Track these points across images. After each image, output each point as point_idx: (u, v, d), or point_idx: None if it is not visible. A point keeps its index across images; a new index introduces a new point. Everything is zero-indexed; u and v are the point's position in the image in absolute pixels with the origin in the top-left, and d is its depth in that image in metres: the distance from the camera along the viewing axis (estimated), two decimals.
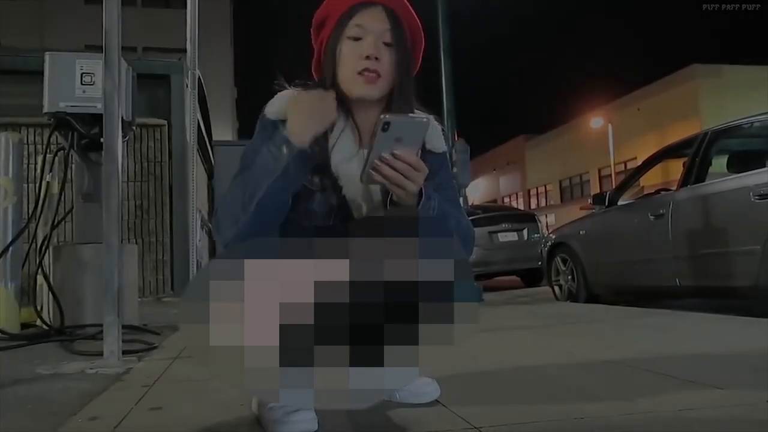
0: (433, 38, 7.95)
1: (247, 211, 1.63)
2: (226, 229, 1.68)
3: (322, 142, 1.76)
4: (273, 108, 1.83)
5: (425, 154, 1.86)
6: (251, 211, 1.63)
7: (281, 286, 1.39)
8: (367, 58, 1.76)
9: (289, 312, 1.38)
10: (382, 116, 1.51)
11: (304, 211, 1.78)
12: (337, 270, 1.40)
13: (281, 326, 1.38)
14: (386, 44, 1.80)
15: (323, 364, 1.39)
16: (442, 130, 2.03)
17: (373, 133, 1.53)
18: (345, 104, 1.82)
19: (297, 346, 1.38)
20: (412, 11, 1.88)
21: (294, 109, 1.70)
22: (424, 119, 1.56)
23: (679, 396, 2.03)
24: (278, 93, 1.87)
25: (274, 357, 1.38)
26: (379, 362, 1.41)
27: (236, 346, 1.38)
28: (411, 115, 1.67)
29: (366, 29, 1.79)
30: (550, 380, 2.43)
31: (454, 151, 7.64)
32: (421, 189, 1.65)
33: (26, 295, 4.74)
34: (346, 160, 1.77)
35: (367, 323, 1.40)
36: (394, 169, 1.56)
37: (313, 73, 1.95)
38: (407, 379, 1.66)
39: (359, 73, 1.77)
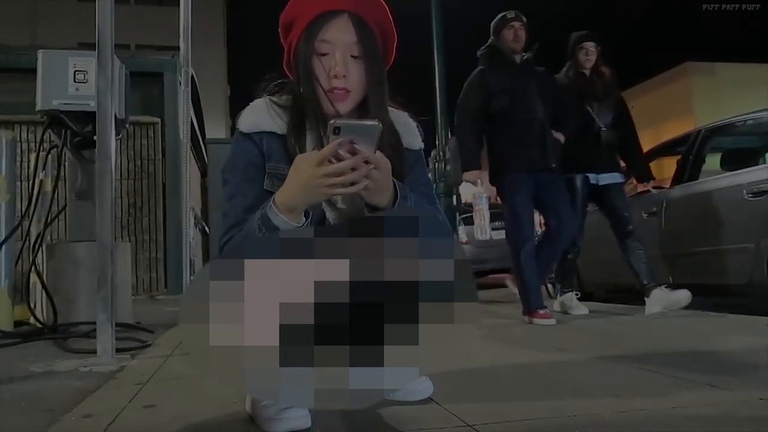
0: (426, 36, 7.94)
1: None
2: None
3: (299, 148, 1.76)
4: (245, 120, 1.82)
5: (402, 152, 1.87)
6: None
7: (281, 286, 1.40)
8: (335, 77, 1.76)
9: (289, 312, 1.38)
10: (332, 122, 1.49)
11: None
12: (337, 270, 1.41)
13: (281, 326, 1.38)
14: (354, 57, 1.78)
15: (323, 364, 1.40)
16: (417, 126, 2.01)
17: (327, 137, 1.52)
18: (320, 116, 1.81)
19: (297, 346, 1.39)
20: (384, 7, 1.85)
21: (286, 190, 1.61)
22: (374, 122, 1.55)
23: (672, 393, 2.04)
24: (251, 103, 1.87)
25: (274, 357, 1.38)
26: (379, 362, 1.41)
27: (236, 346, 1.38)
28: (361, 119, 1.66)
29: (332, 44, 1.76)
30: (543, 377, 2.44)
31: (447, 148, 7.64)
32: (396, 190, 1.63)
33: (19, 292, 4.73)
34: None
35: (367, 323, 1.40)
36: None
37: (285, 70, 1.94)
38: (407, 378, 1.66)
39: (329, 91, 1.77)
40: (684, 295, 4.39)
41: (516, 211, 4.53)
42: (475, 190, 4.91)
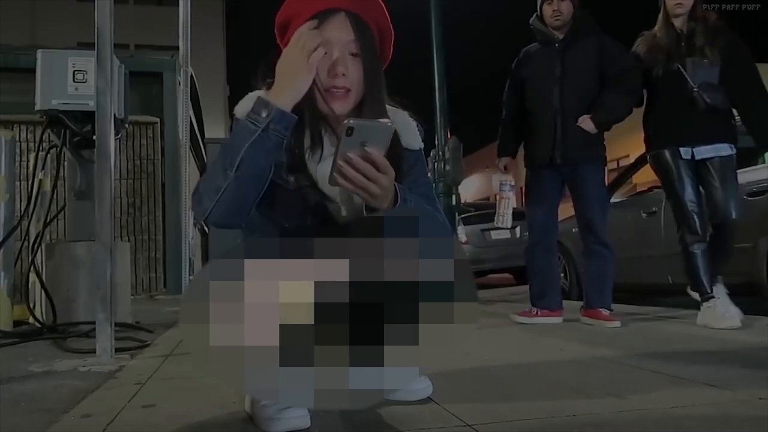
0: (425, 34, 7.92)
1: (227, 176, 1.64)
2: (206, 199, 1.68)
3: (298, 143, 1.77)
4: (242, 108, 1.81)
5: (401, 151, 1.87)
6: (231, 176, 1.63)
7: (282, 285, 1.40)
8: (335, 75, 1.76)
9: (290, 312, 1.38)
10: (345, 121, 1.50)
11: (281, 211, 1.78)
12: (337, 270, 1.40)
13: (281, 326, 1.38)
14: (353, 54, 1.78)
15: (323, 364, 1.40)
16: (417, 126, 2.00)
17: (338, 137, 1.53)
18: (320, 112, 1.81)
19: (297, 346, 1.39)
20: (381, 5, 1.85)
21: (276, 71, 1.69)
22: (388, 124, 1.55)
23: (671, 393, 2.04)
24: (249, 93, 1.87)
25: (274, 357, 1.38)
26: (378, 362, 1.41)
27: (236, 346, 1.38)
28: (375, 119, 1.66)
29: (331, 42, 1.76)
30: (542, 377, 2.44)
31: (446, 148, 7.62)
32: (396, 192, 1.64)
33: (19, 292, 4.73)
34: (321, 161, 1.77)
35: (367, 323, 1.40)
36: (358, 171, 1.53)
37: None
38: (407, 378, 1.66)
39: (327, 90, 1.77)
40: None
41: (530, 208, 4.48)
42: (503, 177, 4.65)
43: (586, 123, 4.20)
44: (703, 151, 4.02)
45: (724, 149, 4.02)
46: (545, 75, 4.35)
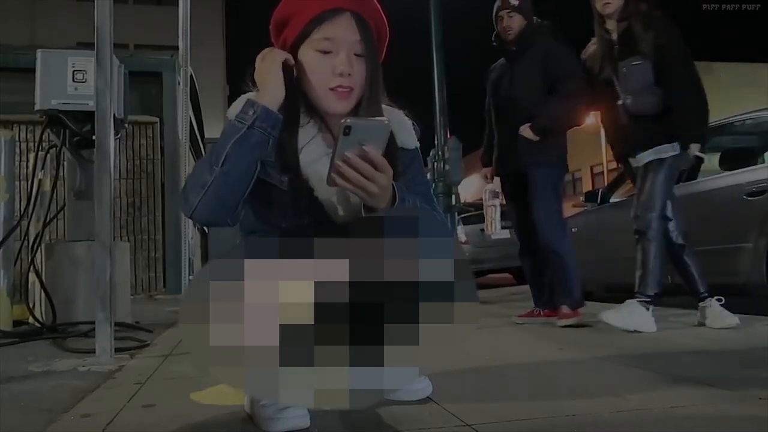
0: (425, 34, 7.91)
1: (213, 171, 1.64)
2: (192, 195, 1.67)
3: (290, 143, 1.77)
4: (233, 111, 1.81)
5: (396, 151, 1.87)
6: (217, 171, 1.63)
7: (282, 286, 1.39)
8: (341, 75, 1.75)
9: (290, 312, 1.38)
10: (343, 120, 1.49)
11: (276, 212, 1.78)
12: (337, 270, 1.40)
13: (281, 326, 1.38)
14: (357, 55, 1.78)
15: (323, 364, 1.40)
16: (413, 124, 2.00)
17: (336, 137, 1.53)
18: (316, 112, 1.82)
19: (297, 346, 1.38)
20: (378, 7, 1.84)
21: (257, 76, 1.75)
22: (385, 122, 1.55)
23: (670, 393, 2.04)
24: (242, 95, 1.86)
25: (274, 357, 1.38)
26: (379, 362, 1.41)
27: (236, 346, 1.38)
28: (371, 118, 1.66)
29: (336, 42, 1.75)
30: (542, 377, 2.44)
31: (446, 148, 7.62)
32: (394, 192, 1.63)
33: (18, 292, 4.73)
34: (315, 161, 1.76)
35: (368, 322, 1.40)
36: (356, 170, 1.52)
37: None
38: (407, 378, 1.66)
39: (331, 89, 1.76)
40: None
41: (510, 216, 4.69)
42: (487, 186, 4.86)
43: (525, 131, 4.24)
44: (645, 156, 3.89)
45: (666, 150, 3.83)
46: (499, 88, 4.50)
